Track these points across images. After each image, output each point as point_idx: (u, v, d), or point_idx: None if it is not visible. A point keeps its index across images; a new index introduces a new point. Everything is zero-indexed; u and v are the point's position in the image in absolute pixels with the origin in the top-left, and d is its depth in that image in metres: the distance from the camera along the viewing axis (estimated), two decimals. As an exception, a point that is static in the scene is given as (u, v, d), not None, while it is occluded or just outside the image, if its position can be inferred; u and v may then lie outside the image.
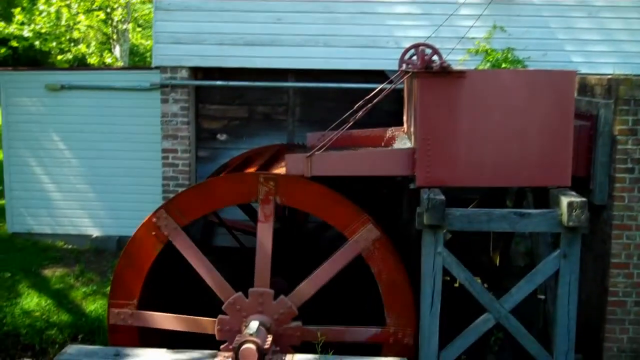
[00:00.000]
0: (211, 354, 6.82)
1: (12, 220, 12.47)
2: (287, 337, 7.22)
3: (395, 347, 7.27)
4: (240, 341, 6.55)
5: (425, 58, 7.40)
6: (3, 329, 9.86)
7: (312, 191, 7.26)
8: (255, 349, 6.47)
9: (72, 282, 10.95)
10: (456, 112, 6.82)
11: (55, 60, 27.40)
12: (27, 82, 12.17)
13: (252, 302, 7.24)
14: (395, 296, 7.23)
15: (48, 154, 12.17)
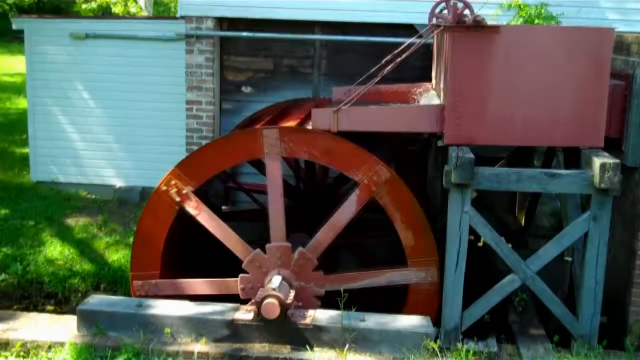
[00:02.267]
0: (234, 307, 6.81)
1: (36, 169, 12.50)
2: (310, 288, 7.20)
3: (420, 288, 7.20)
4: (262, 295, 6.53)
5: (457, 12, 7.18)
6: (27, 276, 9.92)
7: (316, 139, 7.15)
8: (277, 304, 6.44)
9: (95, 231, 10.98)
10: (488, 68, 6.63)
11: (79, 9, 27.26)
12: (51, 30, 12.07)
13: (271, 257, 7.20)
14: (413, 234, 7.13)
15: (72, 103, 12.13)
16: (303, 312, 6.70)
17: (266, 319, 6.50)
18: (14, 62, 28.61)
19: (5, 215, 11.28)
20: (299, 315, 6.64)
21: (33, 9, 33.77)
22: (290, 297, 6.65)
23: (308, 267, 7.20)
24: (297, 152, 7.31)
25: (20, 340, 6.57)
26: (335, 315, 6.67)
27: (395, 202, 7.11)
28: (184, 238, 7.98)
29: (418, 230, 7.12)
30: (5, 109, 20.09)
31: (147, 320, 6.62)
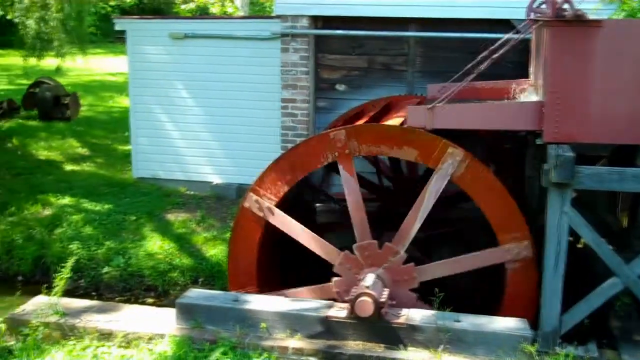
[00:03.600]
0: (328, 304, 6.84)
1: (137, 165, 12.95)
2: (403, 283, 7.15)
3: (516, 266, 7.01)
4: (356, 293, 6.54)
5: (556, 6, 6.97)
6: (128, 269, 10.27)
7: (383, 132, 7.08)
8: (371, 302, 6.43)
9: (193, 227, 11.26)
10: (589, 63, 6.42)
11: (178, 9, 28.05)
12: (152, 30, 12.47)
13: (359, 257, 7.19)
14: (499, 212, 6.94)
15: (172, 101, 12.48)
16: (397, 311, 6.67)
17: (360, 317, 6.51)
18: (117, 62, 29.67)
19: (108, 210, 11.73)
20: (393, 314, 6.62)
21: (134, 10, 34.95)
22: (384, 295, 6.63)
23: (398, 261, 7.16)
24: (367, 150, 7.28)
25: (122, 332, 6.80)
26: (430, 315, 6.62)
27: (473, 180, 6.94)
28: (278, 248, 8.07)
29: (502, 206, 6.93)
30: (108, 107, 20.88)
31: (244, 314, 6.74)
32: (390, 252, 7.12)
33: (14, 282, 10.53)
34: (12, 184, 13.04)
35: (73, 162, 14.60)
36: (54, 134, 16.43)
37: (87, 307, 7.38)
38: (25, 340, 6.72)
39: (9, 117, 18.28)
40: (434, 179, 7.02)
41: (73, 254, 10.24)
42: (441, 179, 6.99)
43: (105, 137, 16.74)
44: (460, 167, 6.91)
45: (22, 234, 11.10)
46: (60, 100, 18.46)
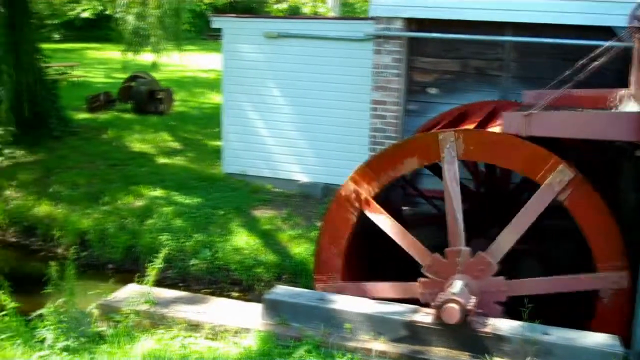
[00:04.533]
0: (413, 309, 6.80)
1: (227, 161, 13.20)
2: (491, 294, 7.04)
3: (610, 294, 6.81)
4: (443, 299, 6.48)
5: (662, 14, 6.73)
6: (215, 262, 10.46)
7: (492, 140, 6.94)
8: (458, 309, 6.37)
9: (279, 224, 11.39)
10: (697, 74, 6.17)
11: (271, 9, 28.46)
12: (247, 29, 12.68)
13: (450, 262, 7.11)
14: (602, 238, 6.73)
15: (263, 99, 12.67)
16: (484, 320, 6.57)
17: (445, 324, 6.45)
18: (209, 59, 30.27)
19: (198, 204, 11.99)
20: (480, 322, 6.52)
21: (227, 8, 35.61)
22: (471, 303, 6.54)
23: (488, 272, 7.05)
24: (473, 155, 7.18)
25: (210, 324, 6.94)
26: (517, 326, 6.49)
27: (580, 203, 6.77)
28: (365, 241, 8.07)
29: (606, 233, 6.73)
30: (200, 103, 21.33)
31: (329, 314, 6.77)
32: (483, 262, 7.02)
33: (105, 269, 10.91)
34: (107, 174, 13.52)
35: (165, 156, 15.00)
36: (147, 127, 16.92)
37: (176, 297, 7.57)
38: (116, 327, 6.94)
39: (106, 109, 18.92)
40: (539, 195, 6.88)
41: (163, 245, 10.51)
42: (547, 196, 6.83)
43: (196, 132, 17.12)
44: (568, 186, 6.75)
45: (114, 223, 11.47)
46: (155, 94, 18.99)
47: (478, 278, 7.04)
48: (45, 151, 14.84)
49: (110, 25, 29.46)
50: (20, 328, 6.91)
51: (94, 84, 23.78)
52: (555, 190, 6.77)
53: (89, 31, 36.45)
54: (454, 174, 7.10)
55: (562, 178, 6.74)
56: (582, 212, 6.77)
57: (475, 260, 7.05)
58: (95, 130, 16.70)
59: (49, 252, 11.41)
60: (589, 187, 6.75)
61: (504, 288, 7.03)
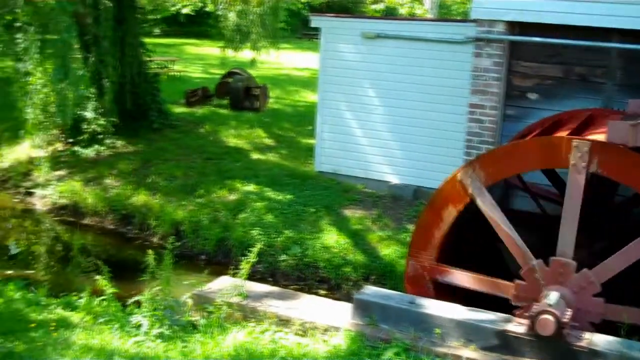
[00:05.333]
0: (505, 318, 6.67)
1: (319, 159, 13.28)
2: (586, 313, 6.83)
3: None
4: (538, 310, 6.33)
5: None
6: (304, 260, 10.55)
7: (631, 161, 6.68)
8: (553, 321, 6.21)
9: (369, 224, 11.37)
10: None
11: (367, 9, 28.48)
12: (345, 29, 12.72)
13: (552, 272, 6.92)
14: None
15: (358, 99, 12.68)
16: (579, 334, 6.39)
17: (539, 335, 6.30)
18: (304, 58, 30.54)
19: (289, 201, 12.11)
20: (575, 336, 6.34)
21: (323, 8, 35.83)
22: (566, 316, 6.37)
23: (589, 291, 6.83)
24: (605, 171, 6.93)
25: (300, 320, 7.00)
26: (614, 341, 6.28)
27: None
28: (463, 229, 7.95)
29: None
30: (294, 101, 21.53)
31: (419, 317, 6.72)
32: (586, 280, 6.79)
33: (197, 260, 11.16)
34: (203, 168, 13.82)
35: (259, 151, 15.22)
36: (242, 123, 17.20)
37: (267, 292, 7.68)
38: (209, 317, 7.09)
39: (203, 104, 19.35)
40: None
41: (254, 239, 10.68)
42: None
43: (290, 129, 17.30)
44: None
45: (208, 216, 11.72)
46: (251, 91, 19.29)
47: (577, 294, 6.83)
48: (144, 142, 15.30)
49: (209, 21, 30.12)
50: (117, 313, 7.18)
51: (192, 78, 24.35)
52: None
53: (188, 27, 37.34)
54: (580, 184, 6.88)
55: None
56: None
57: (579, 276, 6.83)
58: (193, 124, 17.10)
59: (145, 241, 11.76)
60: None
61: (601, 310, 6.80)
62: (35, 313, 7.16)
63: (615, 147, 6.79)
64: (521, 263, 7.08)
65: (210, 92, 20.14)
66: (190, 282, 8.64)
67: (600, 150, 6.76)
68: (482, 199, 7.24)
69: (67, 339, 6.26)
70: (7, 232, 12.54)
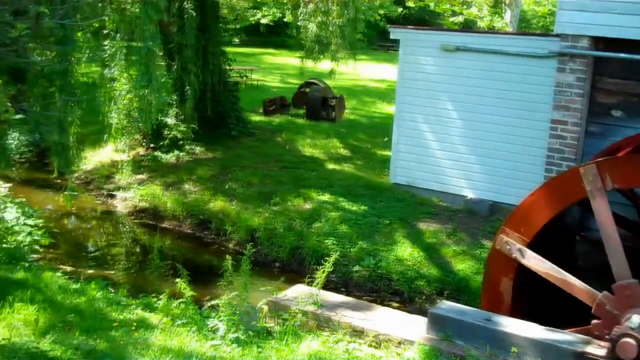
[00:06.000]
0: (585, 340, 6.52)
1: (395, 171, 13.26)
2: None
3: None
4: (619, 333, 6.17)
5: None
6: (377, 271, 10.55)
7: None
8: (635, 345, 6.05)
9: (443, 238, 11.29)
10: None
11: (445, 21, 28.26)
12: (424, 41, 12.69)
13: (619, 297, 6.69)
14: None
15: (435, 112, 12.62)
16: (662, 358, 6.20)
17: (620, 359, 6.14)
18: (380, 69, 30.57)
19: (364, 212, 12.14)
20: (658, 361, 6.17)
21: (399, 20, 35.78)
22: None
23: None
24: (623, 184, 6.81)
25: (373, 331, 7.02)
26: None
27: None
28: (534, 285, 7.83)
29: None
30: (370, 112, 21.57)
31: (495, 335, 6.64)
32: None
33: (271, 267, 11.30)
34: (279, 176, 13.98)
35: (334, 162, 15.31)
36: (318, 133, 17.34)
37: (342, 302, 7.72)
38: (284, 325, 7.16)
39: (280, 113, 19.58)
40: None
41: (328, 249, 10.74)
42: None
43: (365, 140, 17.34)
44: None
45: (283, 224, 11.85)
46: (328, 101, 19.42)
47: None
48: (222, 149, 15.59)
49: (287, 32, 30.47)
50: (195, 316, 7.32)
51: (270, 88, 24.68)
52: None
53: (267, 37, 37.83)
54: (604, 207, 6.78)
55: None
56: None
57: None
58: (270, 132, 17.33)
59: (221, 246, 11.98)
60: None
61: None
62: (116, 313, 7.38)
63: (620, 159, 6.70)
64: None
65: (287, 102, 20.37)
66: (265, 289, 8.74)
67: (608, 167, 6.69)
68: (526, 259, 7.18)
69: (146, 340, 6.42)
70: (89, 233, 12.95)
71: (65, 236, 12.27)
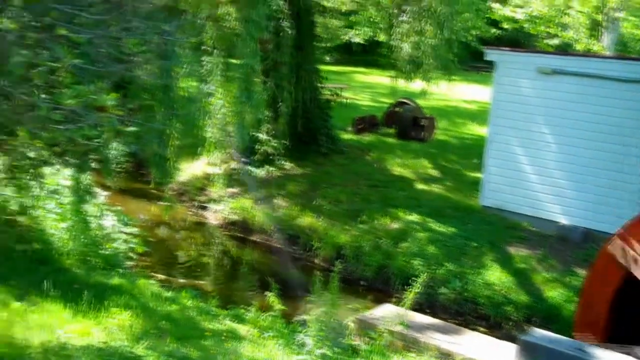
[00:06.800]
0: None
1: (485, 193, 13.10)
2: None
3: None
4: None
5: None
6: (464, 294, 10.44)
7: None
8: None
9: (533, 264, 11.07)
10: None
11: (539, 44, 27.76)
12: (520, 63, 12.55)
13: None
14: None
15: (529, 135, 12.42)
16: None
17: None
18: (471, 90, 30.23)
19: (452, 234, 12.02)
20: None
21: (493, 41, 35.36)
22: None
23: None
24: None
25: (461, 356, 6.96)
26: None
27: None
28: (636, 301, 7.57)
29: None
30: (461, 133, 21.36)
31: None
32: None
33: (357, 285, 11.31)
34: (367, 194, 14.01)
35: (423, 182, 15.22)
36: (408, 153, 17.28)
37: (429, 324, 7.69)
38: (371, 343, 7.17)
39: (370, 132, 19.61)
40: None
41: (415, 269, 10.69)
42: None
43: (455, 161, 17.17)
44: None
45: (370, 242, 11.88)
46: (418, 121, 19.34)
47: None
48: (312, 166, 15.74)
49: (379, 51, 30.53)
50: (283, 329, 7.41)
51: (360, 106, 24.75)
52: None
53: (359, 55, 38.01)
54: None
55: None
56: None
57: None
58: (359, 150, 17.38)
59: (307, 262, 12.09)
60: None
61: None
62: (206, 322, 7.55)
63: None
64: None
65: (377, 121, 20.39)
66: (352, 307, 8.78)
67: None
68: None
69: (235, 350, 6.54)
70: (181, 243, 13.29)
71: (158, 245, 12.62)
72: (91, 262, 9.07)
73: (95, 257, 9.25)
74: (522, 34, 38.19)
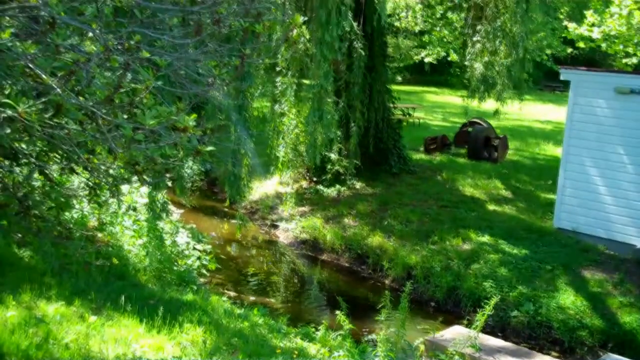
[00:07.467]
0: None
1: (560, 216, 12.86)
2: None
3: None
4: None
5: None
6: (537, 318, 10.24)
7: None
8: None
9: (609, 288, 10.79)
10: None
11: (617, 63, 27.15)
12: (597, 83, 12.32)
13: None
14: None
15: (605, 156, 12.16)
16: None
17: None
18: (544, 110, 29.84)
19: (524, 256, 11.84)
20: None
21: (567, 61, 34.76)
22: None
23: None
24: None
25: (533, 379, 6.84)
26: None
27: None
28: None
29: None
30: (534, 153, 21.05)
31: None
32: None
33: (427, 306, 11.25)
34: (438, 215, 13.93)
35: (495, 203, 15.05)
36: (480, 173, 17.13)
37: (500, 347, 7.60)
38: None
39: (441, 152, 19.53)
40: None
41: (486, 291, 10.57)
42: None
43: (528, 182, 16.92)
44: None
45: (440, 263, 11.80)
46: (490, 141, 19.15)
47: None
48: (382, 186, 15.76)
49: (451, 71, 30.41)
50: (352, 349, 7.44)
51: (431, 126, 24.70)
52: None
53: (429, 75, 37.96)
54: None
55: None
56: None
57: None
58: (430, 171, 17.31)
59: (377, 282, 12.09)
60: None
61: None
62: (277, 340, 7.63)
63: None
64: None
65: (448, 140, 20.30)
66: (422, 328, 8.74)
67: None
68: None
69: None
70: (252, 260, 13.49)
71: (229, 262, 12.84)
72: (166, 278, 9.30)
73: (170, 273, 9.49)
74: (598, 53, 37.49)
